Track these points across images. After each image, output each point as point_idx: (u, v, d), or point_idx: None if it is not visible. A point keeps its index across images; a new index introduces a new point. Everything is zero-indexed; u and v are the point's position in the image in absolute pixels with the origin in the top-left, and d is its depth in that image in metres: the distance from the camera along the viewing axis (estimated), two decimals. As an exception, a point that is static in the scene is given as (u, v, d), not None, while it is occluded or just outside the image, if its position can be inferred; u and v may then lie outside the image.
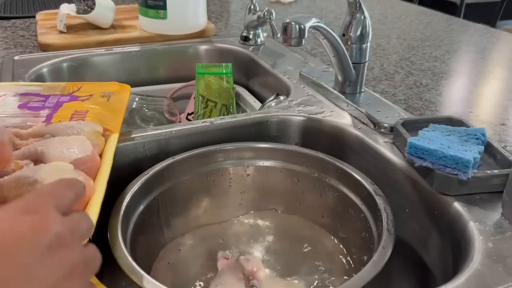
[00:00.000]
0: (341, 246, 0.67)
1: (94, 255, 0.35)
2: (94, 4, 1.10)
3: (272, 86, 0.96)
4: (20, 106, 0.65)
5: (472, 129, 0.63)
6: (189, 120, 0.96)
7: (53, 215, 0.32)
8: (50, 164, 0.50)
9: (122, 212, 0.55)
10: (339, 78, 0.80)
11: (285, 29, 0.69)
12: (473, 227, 0.52)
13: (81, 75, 1.01)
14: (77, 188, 0.37)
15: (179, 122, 0.95)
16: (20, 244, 0.30)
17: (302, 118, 0.76)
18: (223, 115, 0.86)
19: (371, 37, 0.78)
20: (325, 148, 0.71)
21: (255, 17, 1.05)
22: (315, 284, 0.61)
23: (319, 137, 0.75)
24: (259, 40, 1.10)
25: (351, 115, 0.76)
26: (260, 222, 0.71)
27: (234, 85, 0.92)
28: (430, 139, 0.60)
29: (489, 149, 0.62)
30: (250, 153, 0.70)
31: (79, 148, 0.54)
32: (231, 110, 0.87)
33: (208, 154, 0.68)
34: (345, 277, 0.62)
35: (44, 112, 0.63)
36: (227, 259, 0.63)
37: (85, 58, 1.02)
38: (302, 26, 0.68)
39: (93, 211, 0.46)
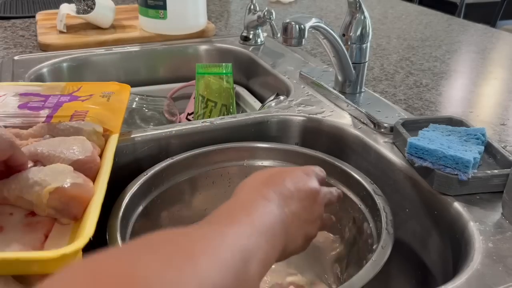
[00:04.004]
0: (341, 246, 0.67)
1: (327, 220, 0.52)
2: (94, 4, 1.10)
3: (272, 86, 0.96)
4: (20, 106, 0.65)
5: (472, 129, 0.63)
6: (189, 120, 0.96)
7: (316, 180, 0.49)
8: (49, 167, 0.50)
9: (121, 213, 0.55)
10: (339, 78, 0.80)
11: (285, 29, 0.69)
12: (473, 227, 0.52)
13: (81, 75, 1.01)
14: None
15: (179, 122, 0.95)
16: (298, 179, 0.47)
17: (302, 118, 0.76)
18: (223, 115, 0.86)
19: (371, 37, 0.78)
20: (325, 148, 0.71)
21: (255, 17, 1.05)
22: (314, 283, 0.61)
23: (319, 137, 0.75)
24: (259, 40, 1.10)
25: (351, 115, 0.76)
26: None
27: (234, 85, 0.92)
28: (430, 139, 0.60)
29: (489, 149, 0.62)
30: (250, 153, 0.70)
31: (79, 149, 0.54)
32: (231, 110, 0.87)
33: (208, 154, 0.68)
34: (345, 277, 0.62)
35: (44, 112, 0.63)
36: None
37: (85, 58, 1.02)
38: (302, 26, 0.68)
39: (93, 212, 0.46)
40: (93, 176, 0.53)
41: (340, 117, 0.76)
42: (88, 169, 0.52)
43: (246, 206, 0.40)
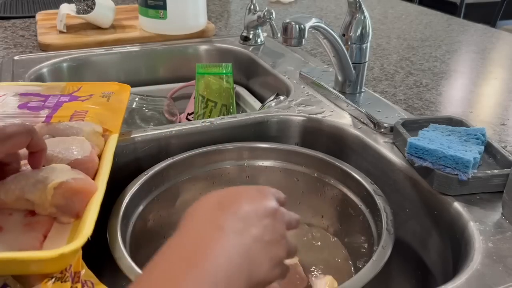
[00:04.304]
0: (341, 246, 0.67)
1: (291, 245, 0.43)
2: (94, 4, 1.10)
3: (272, 86, 0.96)
4: (20, 106, 0.65)
5: (472, 129, 0.63)
6: (189, 120, 0.96)
7: (273, 198, 0.43)
8: (48, 167, 0.50)
9: (121, 213, 0.55)
10: (339, 78, 0.80)
11: (285, 29, 0.69)
12: (473, 227, 0.52)
13: (81, 75, 1.01)
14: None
15: (179, 122, 0.95)
16: (254, 199, 0.41)
17: (302, 118, 0.76)
18: (223, 115, 0.86)
19: (371, 37, 0.78)
20: (325, 148, 0.71)
21: (255, 17, 1.05)
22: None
23: (319, 137, 0.75)
24: (259, 40, 1.10)
25: (351, 115, 0.76)
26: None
27: (234, 85, 0.92)
28: (430, 139, 0.60)
29: (489, 149, 0.62)
30: (250, 153, 0.70)
31: (77, 149, 0.54)
32: (231, 110, 0.87)
33: (208, 154, 0.68)
34: (345, 277, 0.62)
35: (44, 112, 0.63)
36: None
37: (85, 58, 1.02)
38: (302, 26, 0.68)
39: (92, 211, 0.46)
40: (91, 176, 0.53)
41: (340, 117, 0.76)
42: (85, 169, 0.52)
43: (199, 245, 0.35)
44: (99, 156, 0.57)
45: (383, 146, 0.67)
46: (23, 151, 0.49)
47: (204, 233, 0.37)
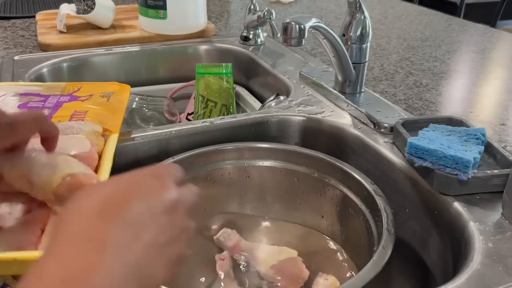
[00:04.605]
0: (341, 246, 0.67)
1: (192, 227, 0.38)
2: (94, 4, 1.10)
3: (272, 86, 0.96)
4: (20, 106, 0.65)
5: (472, 129, 0.63)
6: (189, 120, 0.96)
7: (173, 185, 0.37)
8: (61, 155, 0.48)
9: (122, 212, 0.54)
10: (339, 78, 0.80)
11: (285, 29, 0.69)
12: (473, 227, 0.52)
13: (81, 75, 1.01)
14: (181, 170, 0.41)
15: (179, 122, 0.95)
16: (149, 194, 0.35)
17: (302, 118, 0.76)
18: (223, 115, 0.86)
19: (371, 37, 0.78)
20: (325, 148, 0.71)
21: (255, 17, 1.05)
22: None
23: (319, 137, 0.75)
24: (259, 40, 1.10)
25: (351, 115, 0.76)
26: (259, 222, 0.71)
27: (234, 85, 0.92)
28: (430, 139, 0.60)
29: (489, 149, 0.62)
30: (250, 153, 0.70)
31: (76, 145, 0.53)
32: (231, 110, 0.87)
33: (208, 154, 0.68)
34: (345, 277, 0.62)
35: (44, 112, 0.63)
36: (223, 260, 0.63)
37: (85, 58, 1.02)
38: (302, 26, 0.68)
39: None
40: None
41: (340, 117, 0.76)
42: (85, 165, 0.52)
43: (74, 275, 0.28)
44: (99, 156, 0.57)
45: (383, 146, 0.67)
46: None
47: (81, 256, 0.29)
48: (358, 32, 0.76)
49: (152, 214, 0.34)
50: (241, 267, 0.62)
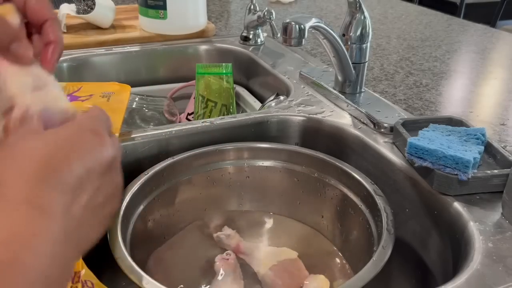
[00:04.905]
0: (341, 246, 0.67)
1: (122, 181, 0.38)
2: (94, 4, 1.10)
3: (272, 86, 0.96)
4: (20, 106, 0.65)
5: (472, 129, 0.63)
6: (189, 120, 0.96)
7: (109, 140, 0.36)
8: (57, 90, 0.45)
9: (121, 213, 0.55)
10: (339, 78, 0.80)
11: (285, 29, 0.69)
12: (473, 227, 0.52)
13: (81, 75, 1.01)
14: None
15: (179, 122, 0.95)
16: (89, 153, 0.34)
17: (302, 118, 0.76)
18: (223, 115, 0.86)
19: (371, 37, 0.78)
20: (325, 148, 0.71)
21: (255, 17, 1.05)
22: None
23: (319, 137, 0.75)
24: (259, 40, 1.10)
25: (351, 115, 0.76)
26: (259, 222, 0.71)
27: (234, 85, 0.92)
28: (430, 139, 0.60)
29: (489, 149, 0.62)
30: (250, 153, 0.70)
31: None
32: (231, 110, 0.87)
33: (208, 154, 0.68)
34: (345, 277, 0.62)
35: (44, 112, 0.63)
36: (227, 259, 0.63)
37: (85, 58, 1.02)
38: (302, 26, 0.68)
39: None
40: None
41: (340, 117, 0.76)
42: None
43: (12, 241, 0.28)
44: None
45: (383, 146, 0.67)
46: None
47: (22, 221, 0.29)
48: (358, 32, 0.76)
49: (91, 175, 0.33)
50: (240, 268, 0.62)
